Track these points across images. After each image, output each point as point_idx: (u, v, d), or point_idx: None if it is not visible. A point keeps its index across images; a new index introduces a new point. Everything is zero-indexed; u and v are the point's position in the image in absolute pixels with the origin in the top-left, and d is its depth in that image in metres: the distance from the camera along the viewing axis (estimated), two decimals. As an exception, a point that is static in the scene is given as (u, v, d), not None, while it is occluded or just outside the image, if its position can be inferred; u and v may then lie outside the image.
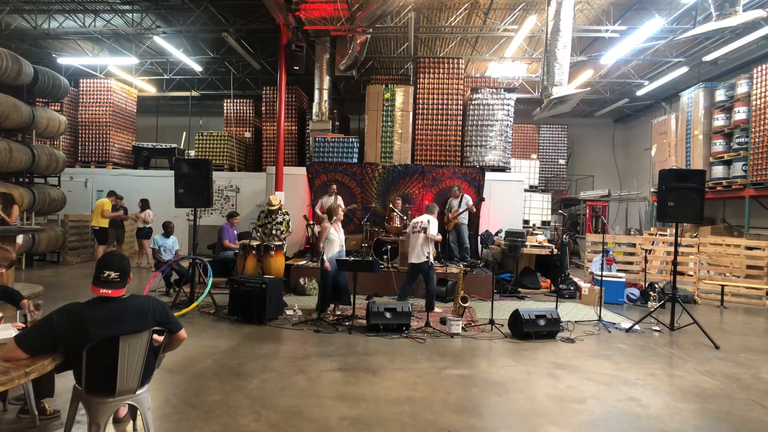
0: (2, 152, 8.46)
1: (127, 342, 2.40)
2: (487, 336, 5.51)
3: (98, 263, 2.48)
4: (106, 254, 2.56)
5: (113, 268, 2.43)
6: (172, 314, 2.67)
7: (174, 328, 2.64)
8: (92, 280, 2.44)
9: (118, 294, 2.44)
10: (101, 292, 2.39)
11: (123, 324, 2.39)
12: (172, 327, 2.63)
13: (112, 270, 2.42)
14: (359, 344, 5.04)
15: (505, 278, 8.52)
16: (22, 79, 8.97)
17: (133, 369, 2.47)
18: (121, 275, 2.45)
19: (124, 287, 2.47)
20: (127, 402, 2.59)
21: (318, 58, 11.21)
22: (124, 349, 2.39)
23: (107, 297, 2.40)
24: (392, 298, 7.25)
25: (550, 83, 6.33)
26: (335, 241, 6.23)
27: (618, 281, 7.76)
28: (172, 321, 2.63)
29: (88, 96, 13.10)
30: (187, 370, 4.19)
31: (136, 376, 2.50)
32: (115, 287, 2.42)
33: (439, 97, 10.41)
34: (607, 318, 6.46)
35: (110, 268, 2.42)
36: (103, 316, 2.37)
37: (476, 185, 9.85)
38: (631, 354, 5.05)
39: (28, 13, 10.45)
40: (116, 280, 2.43)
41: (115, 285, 2.42)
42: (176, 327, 2.66)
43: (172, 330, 2.63)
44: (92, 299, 2.44)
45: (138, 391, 2.55)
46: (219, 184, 12.68)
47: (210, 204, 6.48)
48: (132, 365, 2.46)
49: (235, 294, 5.76)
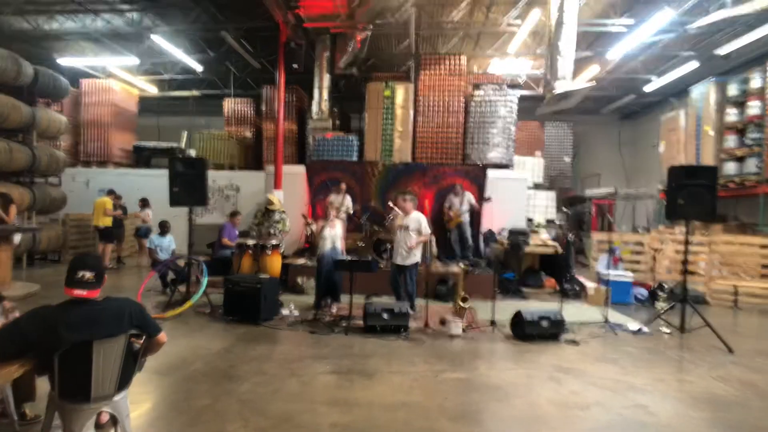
0: (3, 152, 8.43)
1: (101, 346, 2.29)
2: (488, 338, 5.34)
3: (72, 263, 2.37)
4: (80, 254, 2.46)
5: (88, 269, 2.33)
6: (150, 317, 2.55)
7: (152, 331, 2.52)
8: (65, 281, 2.32)
9: (93, 295, 2.33)
10: (75, 293, 2.28)
11: (97, 328, 2.28)
12: (151, 330, 2.50)
13: (87, 270, 2.32)
14: (355, 346, 4.90)
15: (509, 278, 8.33)
16: (22, 80, 8.93)
17: (108, 374, 2.36)
18: (96, 276, 2.34)
19: (99, 289, 2.36)
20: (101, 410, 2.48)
21: (318, 57, 11.10)
22: (98, 354, 2.28)
23: (81, 299, 2.29)
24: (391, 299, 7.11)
25: (554, 78, 6.15)
26: (327, 238, 6.23)
27: (625, 281, 7.55)
28: (149, 324, 2.51)
29: (90, 96, 13.08)
30: (178, 372, 4.07)
31: (112, 381, 2.38)
32: (89, 288, 2.31)
33: (440, 95, 10.26)
34: (614, 319, 6.26)
35: (85, 269, 2.32)
36: (76, 320, 2.26)
37: (478, 183, 9.67)
38: (639, 357, 4.86)
39: (29, 15, 10.43)
40: (91, 281, 2.31)
41: (89, 286, 2.31)
42: (154, 330, 2.53)
43: (151, 334, 2.51)
44: (65, 301, 2.32)
45: (115, 397, 2.44)
46: (219, 184, 12.60)
47: (205, 203, 6.39)
48: (107, 370, 2.35)
49: (229, 294, 5.65)
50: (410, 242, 5.97)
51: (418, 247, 6.08)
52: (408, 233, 6.03)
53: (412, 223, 6.08)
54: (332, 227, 6.39)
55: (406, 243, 6.01)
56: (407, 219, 6.09)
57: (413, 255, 6.07)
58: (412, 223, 6.08)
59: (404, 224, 6.06)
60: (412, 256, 6.07)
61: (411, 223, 6.08)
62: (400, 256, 6.06)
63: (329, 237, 6.29)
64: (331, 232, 6.35)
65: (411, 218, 6.10)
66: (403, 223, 6.08)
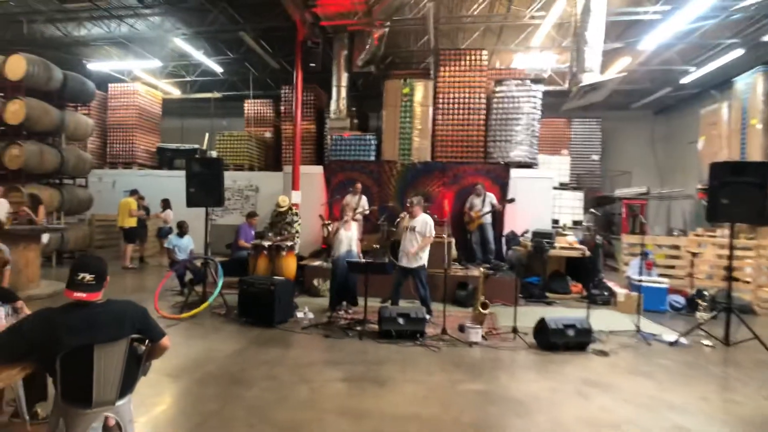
0: (34, 155, 8.67)
1: (102, 351, 2.20)
2: (510, 346, 5.07)
3: (73, 265, 2.30)
4: (81, 256, 2.38)
5: (89, 270, 2.24)
6: (154, 321, 2.44)
7: (155, 335, 2.41)
8: (66, 283, 2.24)
9: (94, 298, 2.24)
10: (75, 295, 2.20)
11: (98, 331, 2.19)
12: (153, 335, 2.40)
13: (87, 272, 2.23)
14: (369, 351, 4.72)
15: (532, 282, 8.00)
16: (52, 85, 9.18)
17: (110, 379, 2.27)
18: (96, 278, 2.25)
19: (101, 291, 2.28)
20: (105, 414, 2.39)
21: (336, 55, 10.99)
22: (99, 359, 2.19)
23: (81, 302, 2.21)
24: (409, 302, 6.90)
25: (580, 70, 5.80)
26: (343, 241, 6.12)
27: (659, 287, 7.11)
28: (152, 328, 2.40)
29: (116, 100, 13.38)
30: (189, 374, 3.99)
31: (114, 386, 2.29)
32: (89, 290, 2.22)
33: (460, 91, 9.95)
34: (647, 328, 5.87)
35: (86, 270, 2.23)
36: (76, 323, 2.18)
37: (501, 183, 9.36)
38: (677, 372, 4.48)
39: (60, 22, 10.72)
40: (91, 283, 2.23)
41: (89, 288, 2.22)
42: (157, 335, 2.42)
43: (153, 338, 2.40)
44: (66, 304, 2.25)
45: (118, 402, 2.34)
46: (239, 184, 12.70)
47: (221, 203, 6.35)
48: (109, 375, 2.26)
49: (244, 295, 5.57)
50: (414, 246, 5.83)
51: (424, 250, 5.91)
52: (415, 235, 5.87)
53: (418, 225, 5.91)
54: (348, 229, 6.27)
55: (412, 245, 5.87)
56: (414, 221, 5.93)
57: (420, 257, 5.90)
58: (419, 225, 5.91)
59: (410, 226, 5.90)
60: (418, 259, 5.90)
61: (417, 224, 5.91)
62: (406, 258, 5.88)
63: (345, 239, 6.19)
64: (347, 233, 6.23)
65: (418, 220, 5.95)
66: (410, 225, 5.91)
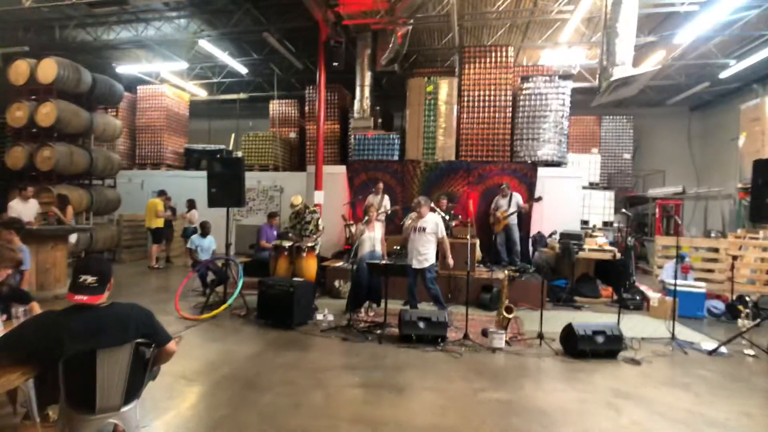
0: (64, 156, 8.93)
1: (105, 356, 2.14)
2: (535, 352, 4.85)
3: (75, 267, 2.25)
4: (84, 257, 2.33)
5: (90, 272, 2.18)
6: (160, 325, 2.37)
7: (161, 340, 2.34)
8: (68, 287, 2.20)
9: (96, 301, 2.18)
10: (76, 298, 2.14)
11: (101, 336, 2.13)
12: (159, 339, 2.33)
13: (89, 274, 2.18)
14: (388, 356, 4.60)
15: (560, 285, 7.71)
16: (82, 87, 9.44)
17: (114, 385, 2.21)
18: (99, 280, 2.19)
19: (103, 293, 2.22)
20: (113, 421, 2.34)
21: (359, 54, 10.93)
22: (102, 364, 2.14)
23: (83, 305, 2.16)
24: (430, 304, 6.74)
25: (611, 63, 5.50)
26: (366, 242, 6.04)
27: (697, 291, 6.72)
28: (158, 333, 2.33)
29: (144, 102, 13.70)
30: (204, 377, 3.96)
31: (119, 392, 2.23)
32: (91, 293, 2.16)
33: (486, 89, 9.71)
34: (683, 336, 5.54)
35: (87, 272, 2.18)
36: (78, 327, 2.12)
37: (527, 182, 9.08)
38: (717, 384, 4.18)
39: (90, 27, 11.03)
40: (93, 286, 2.17)
41: (91, 291, 2.17)
42: (163, 339, 2.35)
43: (159, 343, 2.34)
44: (68, 307, 2.20)
45: (123, 408, 2.28)
46: (264, 185, 12.81)
47: (242, 204, 6.34)
48: (113, 381, 2.20)
49: (263, 297, 5.53)
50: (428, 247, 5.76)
51: (432, 248, 5.82)
52: (425, 235, 5.75)
53: (429, 225, 5.79)
54: (371, 229, 6.16)
55: (422, 245, 5.75)
56: (423, 221, 5.79)
57: (430, 257, 5.81)
58: (430, 225, 5.79)
59: (420, 226, 5.77)
60: (429, 258, 5.81)
61: (428, 225, 5.78)
62: (416, 260, 5.75)
63: (368, 239, 6.10)
64: (370, 234, 6.13)
65: (428, 220, 5.81)
66: (419, 225, 5.77)
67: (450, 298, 7.06)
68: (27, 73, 8.62)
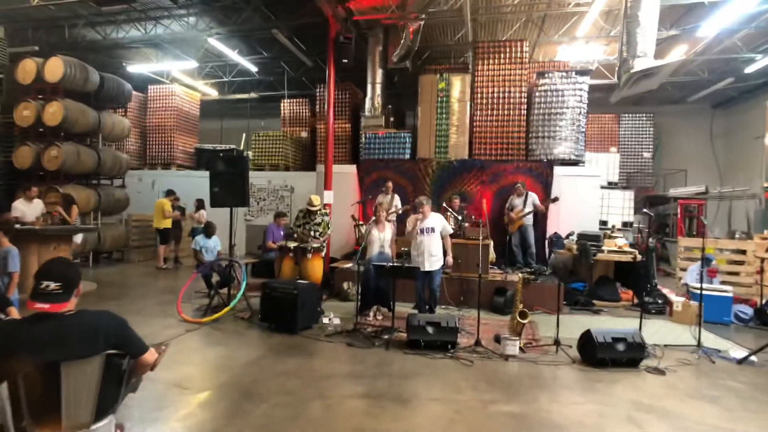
0: (71, 155, 8.89)
1: (71, 369, 1.93)
2: (551, 360, 4.57)
3: (37, 272, 2.04)
4: (46, 261, 2.12)
5: (53, 278, 1.98)
6: (134, 335, 2.17)
7: (135, 351, 2.14)
8: (30, 294, 2.01)
9: (60, 309, 1.98)
10: (36, 306, 1.94)
11: (64, 347, 1.93)
12: (132, 350, 2.13)
13: (52, 280, 1.98)
14: (395, 363, 4.36)
15: (578, 288, 7.38)
16: (90, 86, 9.40)
17: (82, 400, 2.00)
18: (63, 286, 1.99)
19: (68, 301, 2.02)
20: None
21: (370, 51, 10.70)
22: (68, 377, 1.93)
23: (45, 314, 1.96)
24: (444, 308, 6.50)
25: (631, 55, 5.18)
26: (375, 243, 5.82)
27: (723, 296, 6.34)
28: (131, 343, 2.13)
29: (155, 101, 13.69)
30: (199, 385, 3.78)
31: (88, 407, 2.02)
32: (54, 301, 1.97)
33: (500, 85, 9.40)
34: (709, 343, 5.20)
35: (49, 278, 1.98)
36: (39, 337, 1.93)
37: (543, 181, 8.77)
38: (749, 397, 3.86)
39: (99, 25, 11.02)
40: (56, 292, 1.98)
41: (54, 298, 1.97)
42: (137, 350, 2.15)
43: (133, 354, 2.14)
44: (29, 317, 2.00)
45: (95, 424, 2.08)
46: (275, 184, 12.69)
47: (246, 204, 6.18)
48: (81, 396, 2.00)
49: (266, 300, 5.35)
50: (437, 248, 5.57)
51: (441, 248, 5.63)
52: (435, 235, 5.55)
53: (437, 225, 5.59)
54: (381, 230, 5.95)
55: (433, 246, 5.53)
56: (428, 221, 5.56)
57: (440, 258, 5.61)
58: (438, 224, 5.59)
59: (427, 227, 5.54)
60: (439, 259, 5.60)
61: (436, 224, 5.58)
62: (428, 262, 5.52)
63: (377, 240, 5.88)
64: (380, 234, 5.92)
65: (433, 220, 5.60)
66: (426, 226, 5.54)
67: (462, 300, 6.83)
68: (34, 72, 8.60)
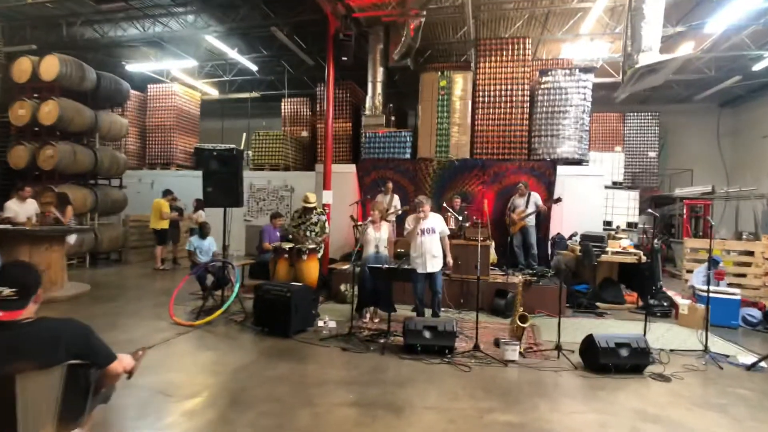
0: (67, 155, 8.80)
1: (28, 381, 1.79)
2: (552, 366, 4.41)
3: None
4: (4, 264, 1.99)
5: (7, 283, 1.85)
6: (99, 343, 2.02)
7: (101, 361, 2.00)
8: None
9: (16, 317, 1.85)
10: None
11: (20, 357, 1.78)
12: (98, 360, 1.99)
13: (6, 285, 1.84)
14: (390, 369, 4.22)
15: (581, 290, 7.21)
16: (86, 85, 9.32)
17: (42, 413, 1.86)
18: (19, 291, 1.86)
19: (25, 308, 1.88)
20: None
21: (371, 49, 10.60)
22: (24, 390, 1.78)
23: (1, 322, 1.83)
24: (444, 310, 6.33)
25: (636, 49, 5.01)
26: (371, 242, 5.68)
27: (731, 298, 6.15)
28: (96, 353, 1.98)
29: (155, 101, 13.61)
30: (185, 392, 3.64)
31: (48, 422, 1.89)
32: (9, 308, 1.84)
33: (502, 83, 9.23)
34: (716, 347, 5.02)
35: (4, 283, 1.85)
36: None
37: (546, 181, 8.59)
38: (758, 405, 3.69)
39: (98, 24, 10.94)
40: (11, 299, 1.84)
41: (9, 305, 1.84)
42: (104, 360, 2.02)
43: (99, 364, 2.00)
44: None
45: None
46: (274, 184, 12.60)
47: (240, 204, 6.05)
48: (40, 409, 1.86)
49: (259, 302, 5.21)
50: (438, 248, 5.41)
51: (441, 249, 5.46)
52: (436, 236, 5.38)
53: (437, 224, 5.42)
54: (377, 230, 5.81)
55: (435, 247, 5.37)
56: (428, 222, 5.39)
57: (441, 259, 5.44)
58: (438, 225, 5.43)
59: (428, 227, 5.37)
60: (440, 261, 5.44)
61: (436, 224, 5.41)
62: (430, 263, 5.35)
63: (373, 240, 5.74)
64: (376, 234, 5.77)
65: (433, 220, 5.44)
66: (426, 226, 5.37)
67: (462, 303, 6.68)
68: (30, 71, 8.52)
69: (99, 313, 5.83)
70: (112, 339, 4.75)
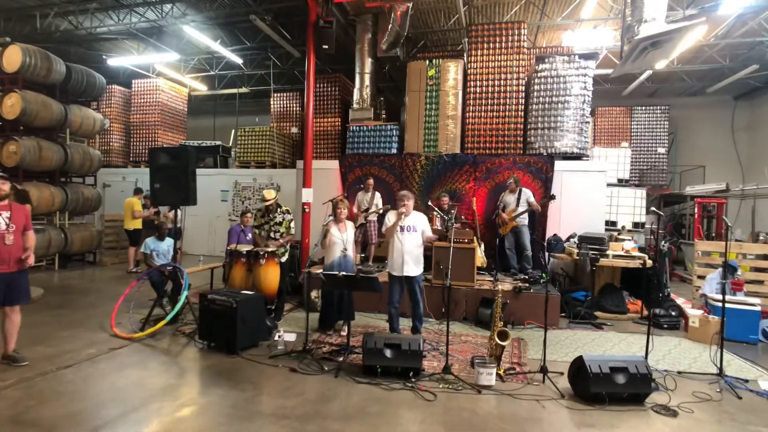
0: (31, 151, 8.28)
1: None
2: (535, 393, 3.72)
3: None
4: None
5: None
6: None
7: None
8: None
9: None
10: None
11: None
12: None
13: None
14: (338, 397, 3.56)
15: (578, 298, 6.49)
16: (54, 77, 8.79)
17: None
18: None
19: None
20: None
21: (359, 39, 9.97)
22: None
23: None
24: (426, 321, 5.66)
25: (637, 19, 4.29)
26: (336, 243, 5.07)
27: (750, 309, 5.40)
28: None
29: (139, 96, 13.11)
30: (84, 424, 3.01)
31: None
32: None
33: (495, 72, 8.51)
34: (733, 368, 4.31)
35: None
36: None
37: (543, 177, 7.88)
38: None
39: (71, 14, 10.43)
40: None
41: None
42: None
43: None
44: None
45: None
46: (260, 182, 12.04)
47: (192, 202, 5.44)
48: None
49: (204, 314, 4.59)
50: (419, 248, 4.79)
51: (422, 250, 4.85)
52: (417, 235, 4.75)
53: (420, 223, 4.79)
54: (343, 230, 5.20)
55: (416, 247, 4.74)
56: (410, 219, 4.75)
57: (420, 262, 4.82)
58: (420, 223, 4.79)
59: (410, 225, 4.73)
60: (421, 264, 4.82)
61: (419, 223, 4.78)
62: (408, 265, 4.68)
63: (339, 240, 5.12)
64: (341, 235, 5.15)
65: (415, 218, 4.80)
66: (408, 224, 4.72)
67: (443, 313, 5.99)
68: (-8, 62, 8.02)
69: (38, 322, 5.26)
70: (34, 354, 4.17)
